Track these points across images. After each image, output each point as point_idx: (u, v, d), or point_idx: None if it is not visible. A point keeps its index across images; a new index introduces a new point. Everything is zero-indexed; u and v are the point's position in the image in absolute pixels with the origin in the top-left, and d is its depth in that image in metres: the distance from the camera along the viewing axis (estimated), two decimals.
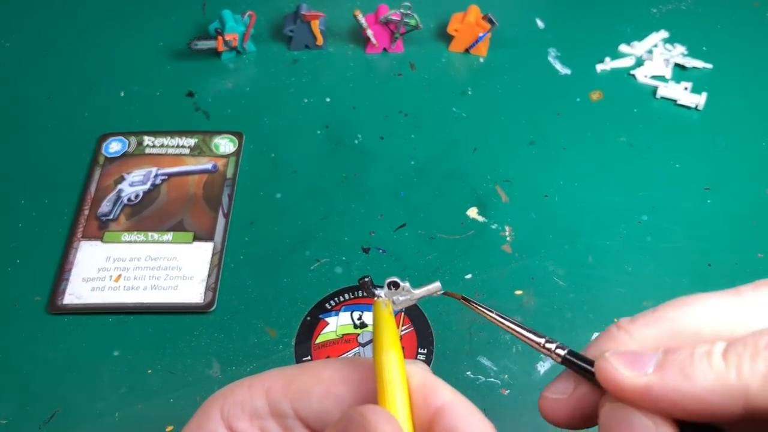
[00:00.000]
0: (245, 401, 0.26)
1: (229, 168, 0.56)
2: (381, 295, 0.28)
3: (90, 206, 0.53)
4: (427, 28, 0.66)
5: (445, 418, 0.24)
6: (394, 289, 0.28)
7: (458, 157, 0.57)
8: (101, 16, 0.67)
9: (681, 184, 0.56)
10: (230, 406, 0.26)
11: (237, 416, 0.26)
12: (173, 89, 0.61)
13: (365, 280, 0.28)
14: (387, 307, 0.28)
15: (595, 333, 0.47)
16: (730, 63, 0.64)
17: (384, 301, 0.28)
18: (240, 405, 0.26)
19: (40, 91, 0.61)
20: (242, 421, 0.26)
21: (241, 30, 0.62)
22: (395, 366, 0.25)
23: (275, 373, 0.26)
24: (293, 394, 0.26)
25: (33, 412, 0.44)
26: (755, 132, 0.59)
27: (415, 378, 0.25)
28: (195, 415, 0.26)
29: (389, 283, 0.28)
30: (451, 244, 0.52)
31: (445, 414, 0.24)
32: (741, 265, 0.51)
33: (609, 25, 0.67)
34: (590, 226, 0.53)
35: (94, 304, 0.48)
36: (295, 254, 0.51)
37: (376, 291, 0.28)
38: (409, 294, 0.28)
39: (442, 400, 0.24)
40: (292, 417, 0.26)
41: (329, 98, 0.61)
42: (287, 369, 0.27)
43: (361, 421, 0.22)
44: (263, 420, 0.26)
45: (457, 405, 0.24)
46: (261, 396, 0.26)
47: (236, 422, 0.26)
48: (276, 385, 0.26)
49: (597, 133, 0.59)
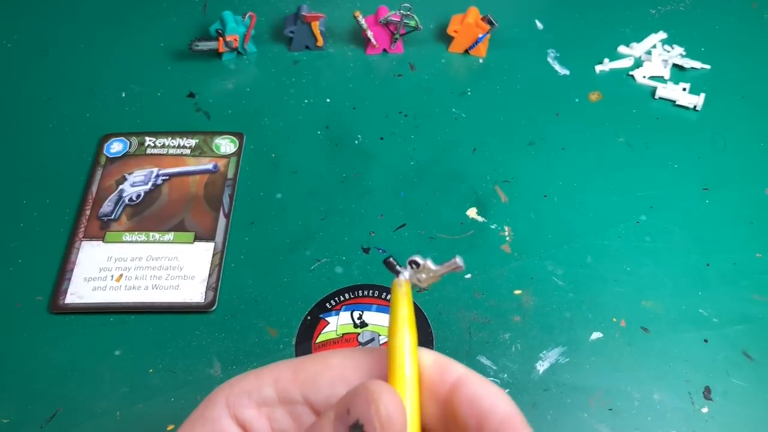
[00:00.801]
0: (252, 390, 0.26)
1: (229, 168, 0.56)
2: (405, 274, 0.28)
3: (91, 206, 0.53)
4: (426, 29, 0.66)
5: (464, 388, 0.25)
6: (416, 268, 0.27)
7: (458, 157, 0.58)
8: (102, 17, 0.68)
9: (679, 184, 0.56)
10: (236, 396, 0.26)
11: (243, 405, 0.26)
12: (174, 90, 0.62)
13: (389, 260, 0.28)
14: (402, 287, 0.27)
15: (594, 332, 0.48)
16: (729, 64, 0.64)
17: (399, 281, 0.27)
18: (247, 394, 0.26)
19: (42, 91, 0.61)
20: (249, 409, 0.26)
21: (241, 31, 0.62)
22: (407, 344, 0.25)
23: (283, 363, 0.27)
24: (303, 381, 0.26)
25: (34, 412, 0.44)
26: (754, 132, 0.59)
27: (429, 358, 0.26)
28: (199, 405, 0.26)
29: (410, 261, 0.27)
30: (450, 244, 0.52)
31: (463, 385, 0.25)
32: (739, 264, 0.51)
33: (608, 27, 0.67)
34: (589, 226, 0.53)
35: (96, 303, 0.49)
36: (296, 254, 0.51)
37: (399, 270, 0.28)
38: (430, 272, 0.27)
39: (458, 373, 0.25)
40: (302, 403, 0.26)
41: (329, 99, 0.61)
42: (295, 359, 0.27)
43: (364, 393, 0.23)
44: (271, 408, 0.26)
45: (472, 377, 0.25)
46: (269, 384, 0.26)
47: (242, 411, 0.26)
48: (285, 373, 0.26)
49: (596, 133, 0.59)
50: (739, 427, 0.44)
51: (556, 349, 0.47)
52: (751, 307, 0.49)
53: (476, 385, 0.25)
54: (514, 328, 0.48)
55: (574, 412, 0.44)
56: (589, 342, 0.47)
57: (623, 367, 0.46)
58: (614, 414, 0.44)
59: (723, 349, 0.47)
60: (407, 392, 0.25)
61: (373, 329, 0.47)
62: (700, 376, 0.46)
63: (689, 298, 0.49)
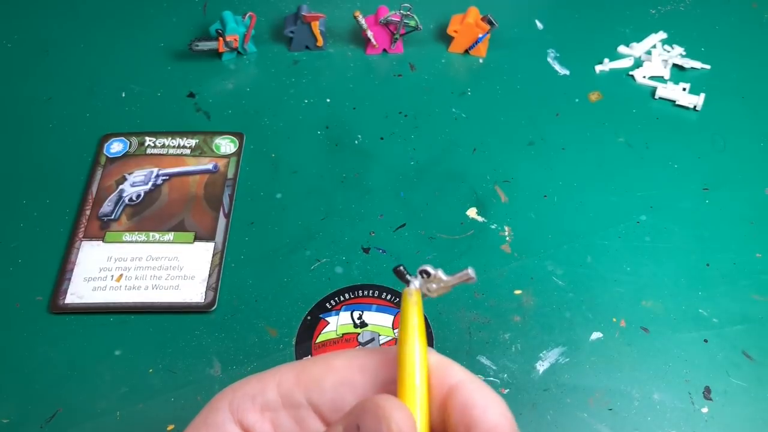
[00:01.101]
0: (256, 394, 0.26)
1: (229, 168, 0.56)
2: (415, 283, 0.27)
3: (91, 206, 0.53)
4: (426, 29, 0.66)
5: (460, 394, 0.25)
6: (426, 278, 0.27)
7: (458, 157, 0.58)
8: (102, 16, 0.68)
9: (679, 184, 0.56)
10: (239, 400, 0.26)
11: (247, 409, 0.26)
12: (174, 90, 0.62)
13: (399, 269, 0.27)
14: (412, 296, 0.27)
15: (594, 332, 0.48)
16: (729, 64, 0.64)
17: (409, 290, 0.27)
18: (250, 398, 0.26)
19: (42, 91, 0.61)
20: (252, 413, 0.26)
21: (241, 31, 0.62)
22: (417, 354, 0.25)
23: (285, 367, 0.26)
24: (306, 384, 0.26)
25: (34, 412, 0.44)
26: (753, 132, 0.59)
27: (431, 359, 0.26)
28: (202, 410, 0.26)
29: (421, 271, 0.27)
30: (450, 244, 0.52)
31: (459, 390, 0.25)
32: (739, 264, 0.51)
33: (608, 27, 0.67)
34: (589, 226, 0.53)
35: (96, 303, 0.49)
36: (296, 254, 0.51)
37: (410, 279, 0.27)
38: (441, 282, 0.27)
39: (456, 378, 0.25)
40: (306, 407, 0.26)
41: (329, 99, 0.61)
42: (297, 362, 0.27)
43: (374, 409, 0.23)
44: (275, 412, 0.26)
45: (469, 382, 0.25)
46: (272, 388, 0.26)
47: (246, 415, 0.26)
48: (287, 376, 0.26)
49: (596, 133, 0.59)
50: (739, 427, 0.44)
51: (556, 349, 0.47)
52: (751, 307, 0.49)
53: (470, 392, 0.25)
54: (514, 328, 0.48)
55: (574, 412, 0.44)
56: (589, 342, 0.47)
57: (623, 367, 0.46)
58: (614, 414, 0.44)
59: (723, 349, 0.47)
60: (417, 404, 0.24)
61: (373, 329, 0.47)
62: (700, 376, 0.46)
63: (689, 298, 0.49)
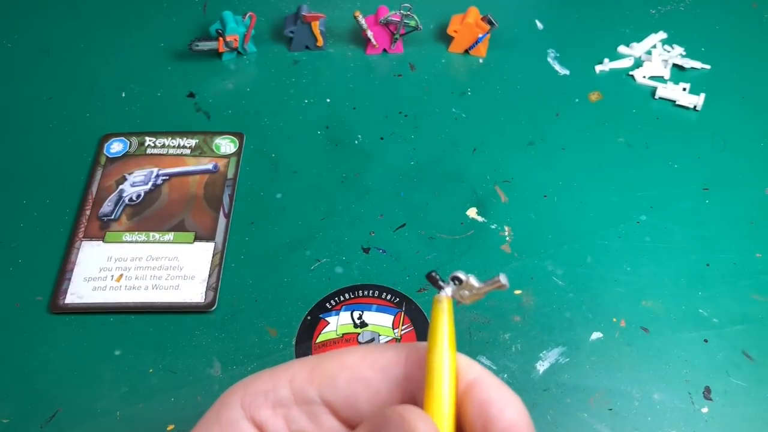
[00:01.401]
0: (268, 390, 0.25)
1: (229, 168, 0.56)
2: (447, 290, 0.27)
3: (91, 206, 0.53)
4: (426, 29, 0.66)
5: (477, 391, 0.25)
6: (458, 284, 0.26)
7: (458, 157, 0.58)
8: (102, 16, 0.68)
9: (679, 184, 0.56)
10: (252, 396, 0.25)
11: (259, 405, 0.25)
12: (174, 90, 0.62)
13: (432, 275, 0.27)
14: (442, 302, 0.26)
15: (594, 332, 0.48)
16: (729, 64, 0.64)
17: (439, 297, 0.27)
18: (262, 394, 0.25)
19: (42, 91, 0.61)
20: (265, 409, 0.25)
21: (241, 31, 0.62)
22: (446, 363, 0.25)
23: (298, 363, 0.26)
24: (319, 381, 0.25)
25: (34, 412, 0.44)
26: (753, 132, 0.59)
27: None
28: (212, 406, 0.26)
29: (453, 278, 0.26)
30: (450, 244, 0.52)
31: (476, 387, 0.25)
32: (739, 264, 0.51)
33: (608, 27, 0.67)
34: (589, 226, 0.53)
35: (96, 303, 0.49)
36: (296, 254, 0.51)
37: (443, 285, 0.27)
38: (473, 289, 0.26)
39: (474, 374, 0.25)
40: (319, 403, 0.25)
41: (329, 99, 0.61)
42: (309, 358, 0.26)
43: (399, 421, 0.22)
44: (287, 408, 0.25)
45: (487, 379, 0.25)
46: (285, 384, 0.25)
47: (258, 411, 0.25)
48: (300, 372, 0.26)
49: (596, 133, 0.59)
50: (739, 427, 0.44)
51: (556, 349, 0.47)
52: (751, 307, 0.49)
53: (488, 389, 0.25)
54: (514, 328, 0.48)
55: (574, 412, 0.44)
56: (589, 342, 0.47)
57: (623, 367, 0.46)
58: (614, 414, 0.44)
59: (723, 349, 0.47)
60: (444, 416, 0.24)
61: (373, 329, 0.47)
62: (700, 376, 0.46)
63: (689, 298, 0.49)
